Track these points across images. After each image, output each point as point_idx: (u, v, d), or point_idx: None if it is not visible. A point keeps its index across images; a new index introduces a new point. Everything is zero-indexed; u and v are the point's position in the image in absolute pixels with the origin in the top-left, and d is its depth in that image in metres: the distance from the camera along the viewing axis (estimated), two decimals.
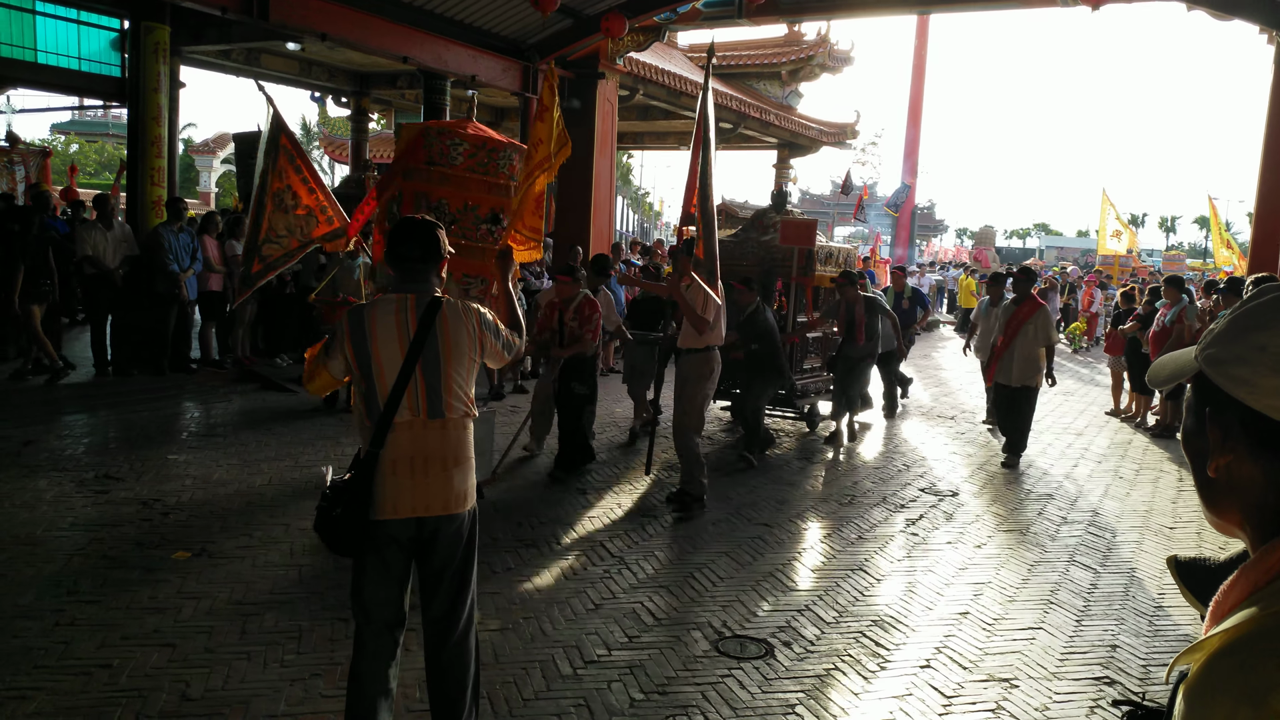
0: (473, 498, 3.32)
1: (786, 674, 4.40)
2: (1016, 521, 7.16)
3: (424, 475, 3.16)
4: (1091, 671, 4.59)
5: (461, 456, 3.25)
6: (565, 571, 5.55)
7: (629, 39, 15.14)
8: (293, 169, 6.00)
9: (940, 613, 5.24)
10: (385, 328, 3.16)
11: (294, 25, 11.56)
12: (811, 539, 6.45)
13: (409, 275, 3.26)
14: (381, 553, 3.19)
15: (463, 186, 5.69)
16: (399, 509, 3.16)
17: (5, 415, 8.40)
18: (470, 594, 3.35)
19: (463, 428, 3.26)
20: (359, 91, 19.54)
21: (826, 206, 70.06)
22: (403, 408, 3.15)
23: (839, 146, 27.46)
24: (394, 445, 3.16)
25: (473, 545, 3.33)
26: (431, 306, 3.18)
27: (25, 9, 13.52)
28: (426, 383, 3.16)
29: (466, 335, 3.22)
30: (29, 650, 4.19)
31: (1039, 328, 8.76)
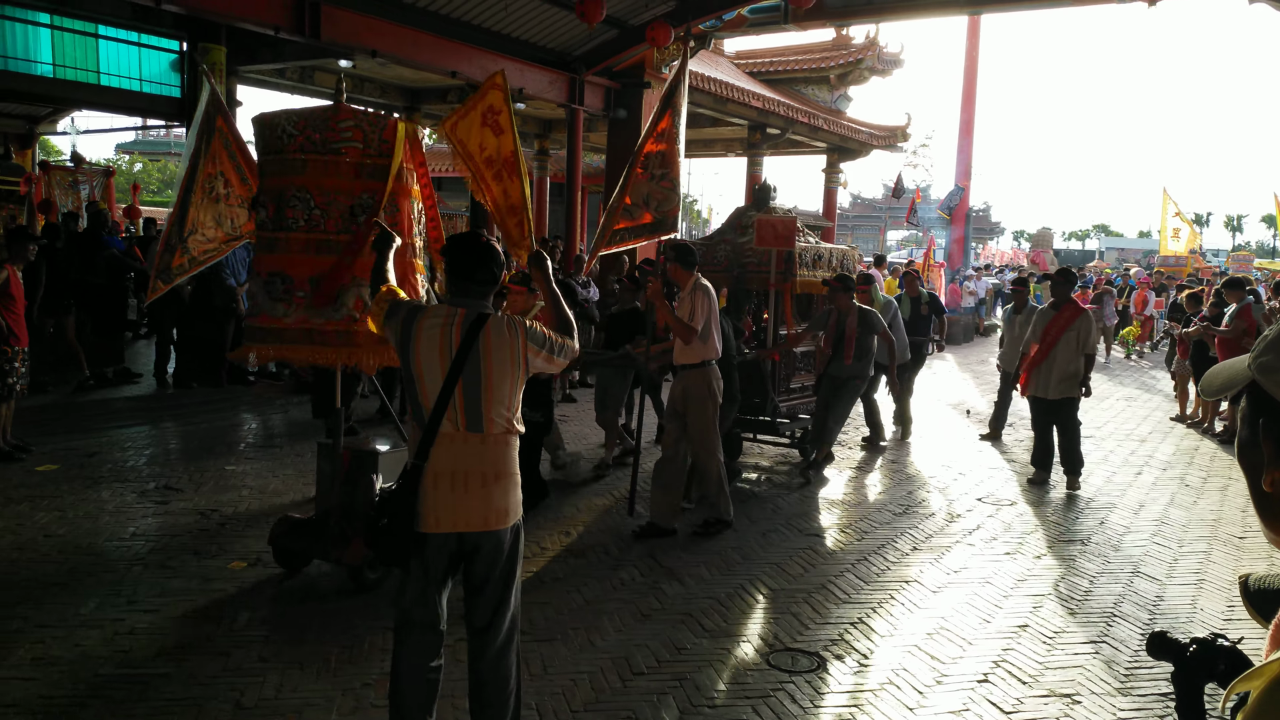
0: (515, 514, 3.30)
1: (839, 688, 4.32)
2: (1077, 531, 6.99)
3: (464, 490, 3.17)
4: (1158, 688, 4.44)
5: (502, 472, 3.24)
6: (614, 582, 5.52)
7: (675, 47, 15.12)
8: (226, 154, 5.70)
9: (998, 625, 5.13)
10: (429, 339, 3.18)
11: (345, 43, 11.75)
12: (864, 550, 6.35)
13: (464, 292, 3.29)
14: (424, 562, 3.23)
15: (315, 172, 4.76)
16: (440, 523, 3.18)
17: (70, 428, 8.62)
18: (511, 606, 3.35)
19: (504, 443, 3.25)
20: (410, 107, 19.78)
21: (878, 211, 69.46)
22: (444, 421, 3.17)
23: (890, 150, 27.17)
24: (436, 458, 3.18)
25: (514, 560, 3.32)
26: (476, 323, 3.19)
27: (89, 33, 13.92)
28: (466, 399, 3.16)
29: (509, 352, 3.21)
30: (89, 658, 4.27)
31: (1081, 335, 7.98)
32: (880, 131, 25.94)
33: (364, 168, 4.74)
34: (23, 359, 7.55)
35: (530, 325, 3.30)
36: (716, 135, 23.97)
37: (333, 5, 11.36)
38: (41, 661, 4.23)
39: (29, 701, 3.88)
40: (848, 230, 63.57)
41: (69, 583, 5.15)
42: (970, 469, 8.86)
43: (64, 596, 4.96)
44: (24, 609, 4.78)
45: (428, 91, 19.28)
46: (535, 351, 3.28)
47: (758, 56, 25.11)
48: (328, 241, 4.73)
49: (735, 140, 24.17)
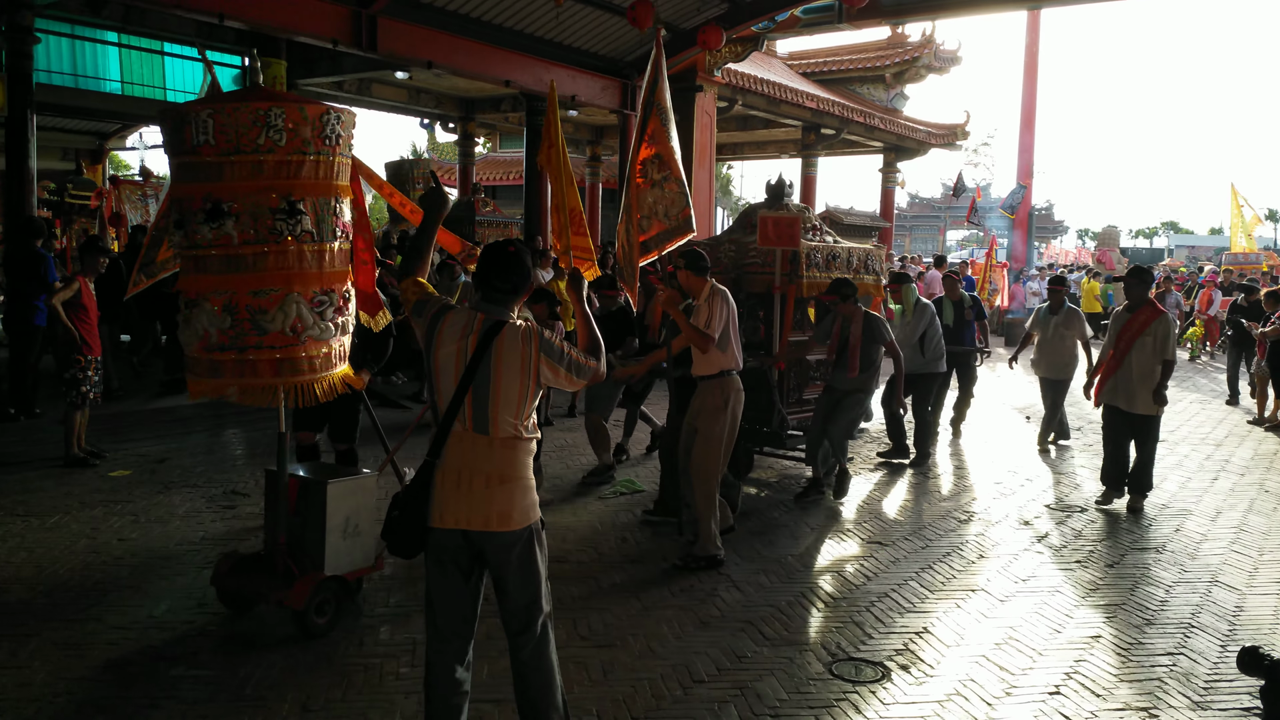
0: (522, 517, 3.28)
1: (905, 699, 4.24)
2: (1151, 539, 6.79)
3: (468, 489, 3.22)
4: (1239, 701, 4.29)
5: (509, 475, 3.26)
6: (673, 589, 5.49)
7: (727, 50, 15.08)
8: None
9: (1070, 636, 4.99)
10: (449, 340, 3.24)
11: (401, 55, 11.90)
12: (929, 558, 6.23)
13: (486, 298, 3.34)
14: (439, 557, 3.29)
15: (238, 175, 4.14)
16: (444, 519, 3.24)
17: (141, 434, 8.83)
18: (539, 609, 3.35)
19: (510, 447, 3.26)
20: (465, 116, 20.04)
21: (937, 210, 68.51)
22: (454, 421, 3.24)
23: (948, 148, 26.82)
24: (446, 456, 3.25)
25: (528, 562, 3.30)
26: (492, 330, 3.23)
27: (155, 51, 14.29)
28: (475, 400, 3.21)
29: (520, 359, 3.23)
30: (160, 660, 4.36)
31: (1158, 340, 7.25)
32: (938, 130, 25.62)
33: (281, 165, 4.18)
34: (95, 368, 7.75)
35: (547, 338, 3.30)
36: (770, 137, 23.86)
37: (390, 18, 11.52)
38: (115, 662, 4.32)
39: (103, 700, 3.97)
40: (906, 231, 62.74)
41: (141, 585, 5.26)
42: (1037, 474, 8.67)
43: (136, 599, 5.07)
44: (98, 610, 4.90)
45: (482, 101, 19.50)
46: (549, 364, 3.27)
47: (811, 57, 24.95)
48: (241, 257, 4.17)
49: (789, 141, 24.04)
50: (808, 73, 23.89)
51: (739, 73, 17.20)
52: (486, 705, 4.02)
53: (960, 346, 9.96)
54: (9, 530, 6.15)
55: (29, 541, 5.96)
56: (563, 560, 5.92)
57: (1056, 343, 9.43)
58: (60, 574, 5.43)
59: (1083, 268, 29.83)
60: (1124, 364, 7.33)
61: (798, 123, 21.45)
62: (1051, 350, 9.45)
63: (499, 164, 26.07)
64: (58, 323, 7.62)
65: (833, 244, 8.15)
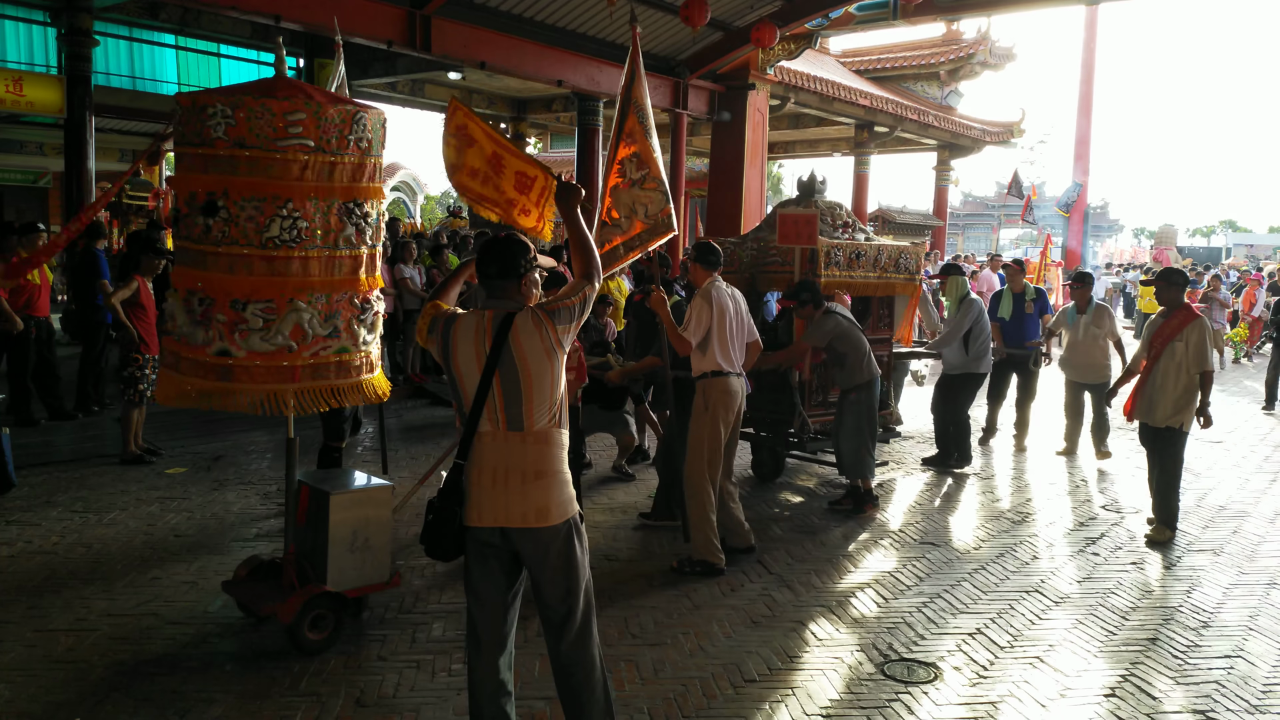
0: (560, 512, 3.26)
1: (958, 700, 4.19)
2: (1208, 541, 6.64)
3: (503, 486, 3.20)
4: None
5: (545, 470, 3.24)
6: (723, 588, 5.48)
7: (780, 48, 15.01)
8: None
9: (1125, 638, 4.90)
10: (465, 342, 3.22)
11: (455, 55, 12.01)
12: (982, 558, 6.15)
13: (490, 291, 3.33)
14: (479, 556, 3.29)
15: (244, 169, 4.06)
16: (482, 517, 3.23)
17: (197, 433, 9.01)
18: (579, 603, 3.32)
19: (544, 441, 3.24)
20: (517, 117, 20.16)
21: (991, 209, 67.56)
22: (483, 420, 3.22)
23: (1003, 146, 26.46)
24: (477, 455, 3.24)
25: (568, 557, 3.28)
26: (505, 323, 3.20)
27: (211, 53, 14.58)
28: (505, 397, 3.18)
29: (541, 343, 3.19)
30: (216, 655, 4.44)
31: (1192, 346, 6.44)
32: (993, 128, 25.28)
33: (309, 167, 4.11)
34: (153, 366, 7.91)
35: (553, 308, 3.25)
36: (822, 135, 23.72)
37: (444, 18, 11.63)
38: (171, 657, 4.42)
39: (161, 696, 4.05)
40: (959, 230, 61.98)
41: (198, 581, 5.37)
42: (1091, 475, 8.52)
43: (193, 595, 5.17)
44: (154, 605, 5.01)
45: (534, 101, 19.61)
46: (565, 330, 3.24)
47: (865, 54, 24.76)
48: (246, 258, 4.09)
49: (841, 140, 23.87)
50: (861, 70, 23.70)
51: (792, 70, 17.12)
52: (539, 703, 4.05)
53: (1019, 347, 9.26)
54: (68, 525, 6.32)
55: (86, 536, 6.11)
56: (613, 558, 5.94)
57: (1089, 344, 8.88)
58: (117, 569, 5.56)
59: (1138, 266, 29.20)
60: (1152, 373, 6.62)
61: (851, 120, 21.30)
62: (1083, 352, 8.89)
63: (550, 164, 26.19)
64: (117, 321, 7.80)
65: (861, 241, 7.75)
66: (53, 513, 6.55)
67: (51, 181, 18.03)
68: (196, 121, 4.08)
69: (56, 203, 17.55)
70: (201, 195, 4.11)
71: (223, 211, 4.07)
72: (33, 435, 8.24)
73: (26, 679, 4.16)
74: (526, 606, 3.45)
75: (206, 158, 4.10)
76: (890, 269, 7.88)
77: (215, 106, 4.04)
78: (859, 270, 7.65)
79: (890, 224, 25.23)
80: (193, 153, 4.14)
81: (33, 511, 6.56)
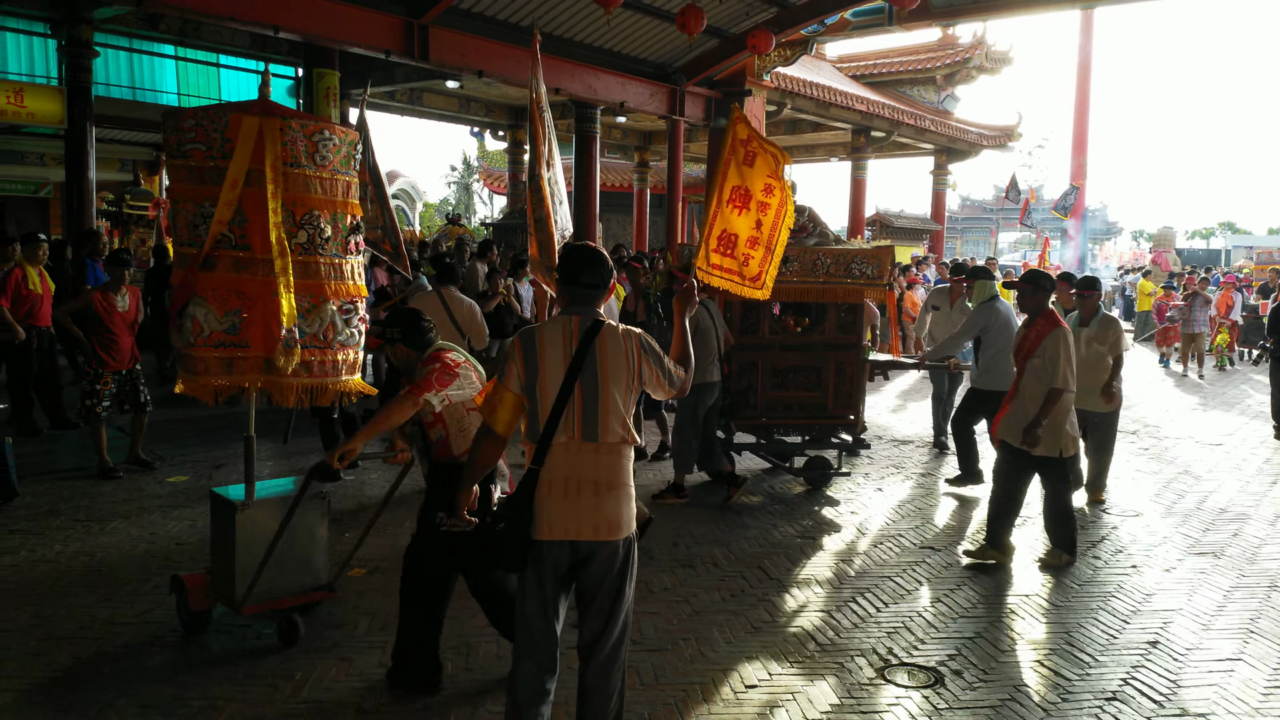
0: (628, 526, 3.29)
1: (958, 704, 4.21)
2: (1209, 544, 6.65)
3: (576, 497, 3.20)
4: None
5: (616, 482, 3.25)
6: (723, 593, 5.50)
7: (776, 54, 15.07)
8: None
9: (1126, 641, 4.91)
10: (553, 348, 3.22)
11: (453, 64, 12.05)
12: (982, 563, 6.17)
13: (578, 299, 3.33)
14: (539, 569, 3.26)
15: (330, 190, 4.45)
16: (553, 530, 3.21)
17: (198, 441, 9.02)
18: (621, 621, 3.34)
19: (618, 453, 3.26)
20: (515, 125, 20.22)
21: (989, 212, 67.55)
22: (560, 429, 3.20)
23: (1000, 150, 26.53)
24: (551, 465, 3.21)
25: (626, 574, 3.31)
26: (592, 329, 3.23)
27: (210, 63, 14.63)
28: (584, 404, 3.19)
29: (624, 358, 3.23)
30: (221, 662, 4.46)
31: (1047, 360, 5.79)
32: (990, 131, 25.36)
33: (206, 171, 4.22)
34: (113, 381, 7.54)
35: (644, 337, 3.31)
36: (819, 140, 23.79)
37: (441, 27, 11.68)
38: (175, 665, 4.43)
39: (165, 704, 4.07)
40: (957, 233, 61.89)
41: None
42: None
43: None
44: (157, 614, 5.02)
45: None
46: (649, 365, 3.28)
47: (861, 59, 24.84)
48: (181, 254, 4.34)
49: (838, 145, 23.95)
50: (857, 75, 23.77)
51: (788, 76, 17.18)
52: None
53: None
54: (70, 534, 6.33)
55: (89, 545, 6.12)
56: None
57: (1093, 362, 7.30)
58: (119, 577, 5.57)
59: (1137, 269, 29.25)
60: (1019, 392, 6.02)
61: (847, 126, 21.36)
62: (1087, 372, 7.08)
63: None
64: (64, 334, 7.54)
65: (794, 246, 7.22)
66: (55, 521, 6.56)
67: (53, 192, 18.06)
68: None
69: (58, 213, 17.59)
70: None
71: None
72: (35, 445, 8.26)
73: (30, 687, 4.17)
74: None
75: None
76: (840, 275, 7.43)
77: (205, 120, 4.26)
78: (791, 276, 7.24)
79: (888, 228, 25.24)
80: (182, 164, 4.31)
81: (35, 520, 6.57)
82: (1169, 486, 8.27)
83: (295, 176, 4.30)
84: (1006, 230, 64.17)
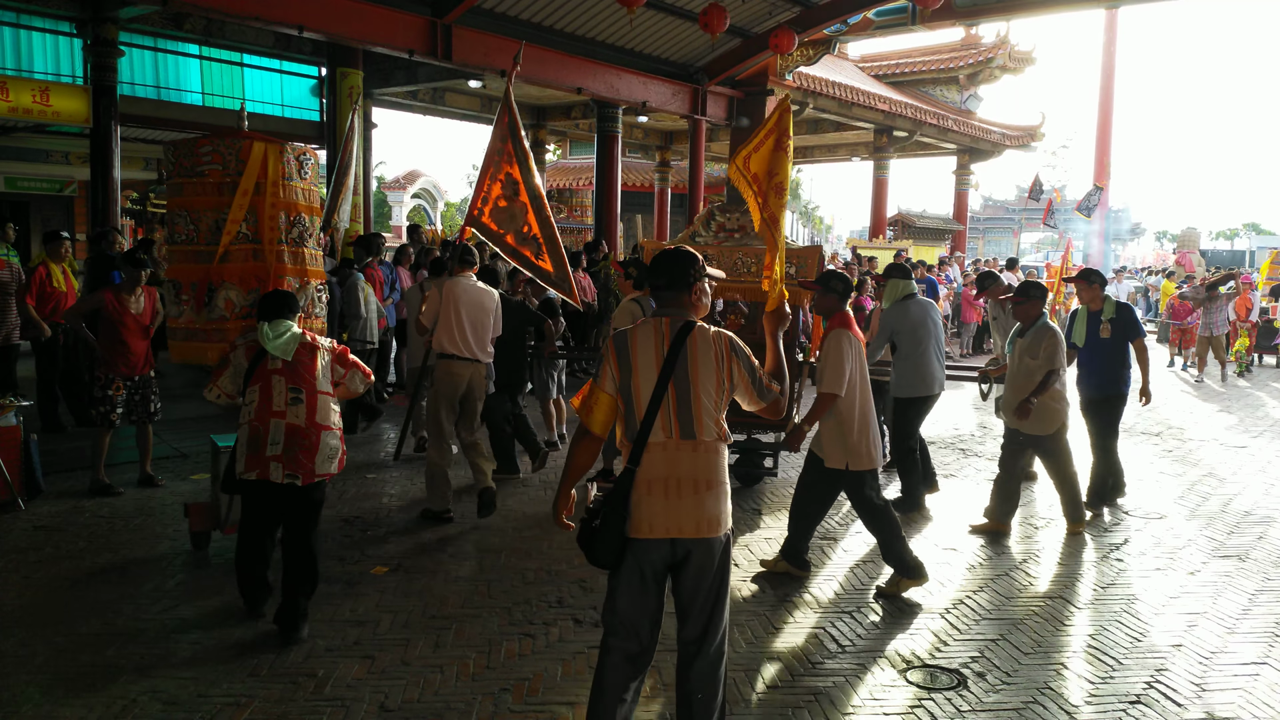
0: (726, 522, 3.30)
1: (981, 707, 4.18)
2: (1234, 547, 6.59)
3: (676, 496, 3.21)
4: None
5: (714, 480, 3.26)
6: (744, 595, 5.49)
7: (798, 53, 15.02)
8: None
9: (1150, 644, 4.87)
10: (645, 349, 3.26)
11: (475, 64, 12.08)
12: (1005, 564, 6.13)
13: (661, 302, 3.39)
14: (638, 569, 3.26)
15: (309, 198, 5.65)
16: (654, 529, 3.22)
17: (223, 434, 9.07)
18: (723, 619, 3.34)
19: (715, 451, 3.28)
20: (536, 124, 20.25)
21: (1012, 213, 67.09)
22: (656, 428, 3.22)
23: (1023, 150, 26.36)
24: (649, 465, 3.23)
25: (725, 570, 3.32)
26: (684, 329, 3.26)
27: (234, 63, 14.73)
28: (678, 403, 3.21)
29: (714, 358, 3.26)
30: (244, 658, 4.49)
31: (820, 363, 5.45)
32: (1013, 131, 25.20)
33: (224, 186, 5.30)
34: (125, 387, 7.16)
35: (735, 340, 3.32)
36: (841, 140, 23.70)
37: (465, 27, 11.71)
38: (195, 659, 4.47)
39: (189, 700, 4.10)
40: (979, 234, 61.55)
41: (225, 586, 5.41)
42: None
43: (217, 600, 5.22)
44: (181, 610, 5.06)
45: (553, 108, 19.71)
46: (740, 369, 3.29)
47: (883, 59, 24.74)
48: (200, 252, 5.37)
49: (860, 144, 23.85)
50: (880, 75, 23.68)
51: (810, 76, 17.13)
52: (561, 707, 4.07)
53: (1097, 388, 7.54)
54: (95, 530, 6.39)
55: (113, 541, 6.19)
56: None
57: (1023, 377, 6.51)
58: (143, 573, 5.64)
59: (1160, 270, 28.97)
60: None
61: (869, 125, 21.27)
62: (1019, 390, 6.51)
63: (569, 170, 26.32)
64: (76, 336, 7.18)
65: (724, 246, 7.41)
66: (80, 518, 6.63)
67: (77, 190, 18.23)
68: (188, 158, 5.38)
69: (82, 211, 17.75)
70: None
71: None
72: (60, 441, 8.33)
73: (55, 682, 4.22)
74: (553, 610, 3.46)
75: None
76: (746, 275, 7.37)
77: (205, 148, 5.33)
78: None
79: (910, 228, 25.17)
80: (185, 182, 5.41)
81: (60, 516, 6.64)
82: (1193, 489, 8.19)
83: (289, 188, 5.45)
84: (1029, 230, 63.74)
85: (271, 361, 4.72)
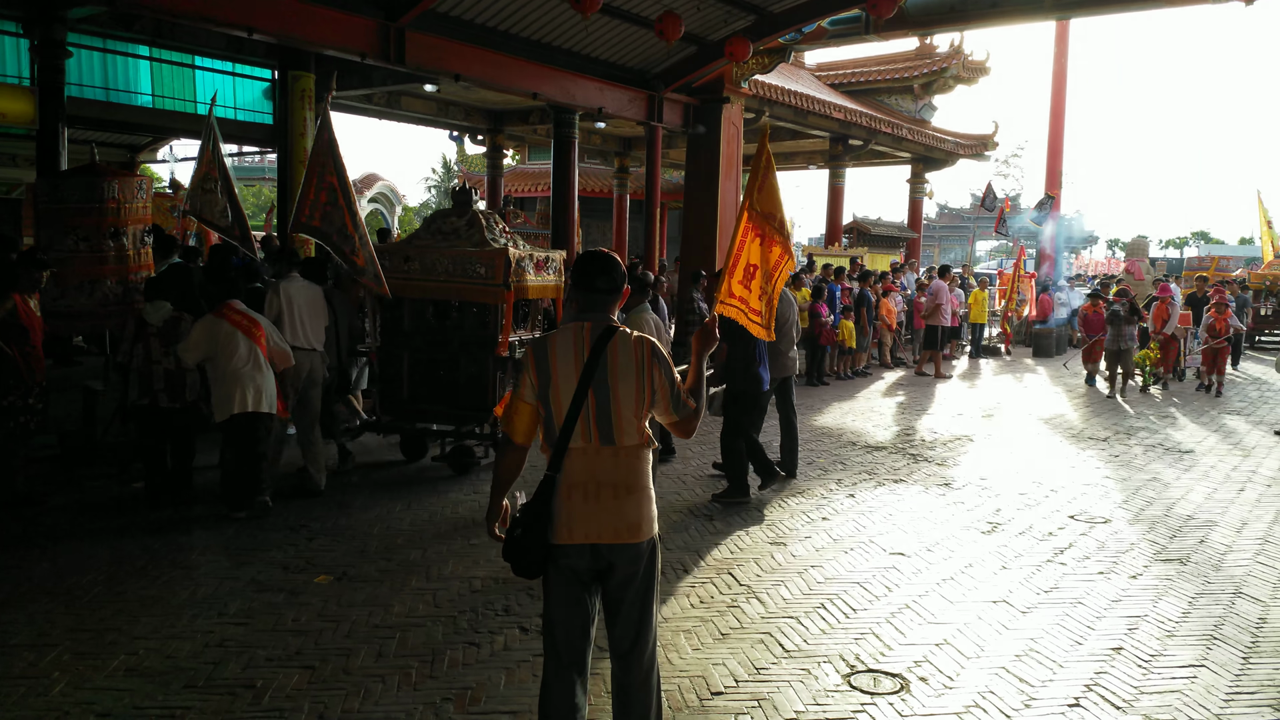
0: (649, 528, 3.27)
1: (924, 711, 4.21)
2: (1175, 550, 6.70)
3: (596, 501, 3.18)
4: (1261, 715, 4.23)
5: (635, 485, 3.24)
6: (692, 600, 5.49)
7: (754, 62, 15.08)
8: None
9: (1091, 648, 4.94)
10: (565, 355, 3.21)
11: (429, 68, 11.99)
12: (950, 569, 6.19)
13: (590, 305, 3.32)
14: (563, 576, 3.24)
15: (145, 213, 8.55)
16: (573, 534, 3.19)
17: None
18: (651, 626, 3.33)
19: (635, 456, 3.25)
20: (494, 129, 20.18)
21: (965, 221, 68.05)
22: (576, 434, 3.19)
23: (977, 159, 26.69)
24: (569, 470, 3.20)
25: (651, 576, 3.30)
26: (605, 335, 3.22)
27: (186, 64, 14.52)
28: (597, 408, 3.18)
29: (635, 363, 3.21)
30: (180, 670, 4.41)
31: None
32: (967, 140, 25.51)
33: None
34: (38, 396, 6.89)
35: (657, 347, 3.28)
36: (797, 148, 23.85)
37: (418, 30, 11.62)
38: (133, 671, 4.38)
39: (122, 713, 4.02)
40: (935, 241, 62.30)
41: (163, 596, 5.33)
42: (1061, 485, 8.57)
43: (158, 610, 5.13)
44: (118, 620, 4.97)
45: (510, 113, 19.64)
46: (660, 377, 3.24)
47: (839, 68, 24.95)
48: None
49: (816, 153, 24.01)
50: (836, 84, 23.87)
51: (766, 84, 17.22)
52: (503, 716, 4.03)
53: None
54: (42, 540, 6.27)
55: (51, 551, 6.06)
56: None
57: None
58: (86, 583, 5.52)
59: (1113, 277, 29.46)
60: None
61: (825, 134, 21.43)
62: None
63: (527, 176, 26.22)
64: None
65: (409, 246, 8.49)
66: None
67: (25, 193, 17.85)
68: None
69: (30, 215, 17.37)
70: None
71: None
72: None
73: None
74: (499, 618, 3.44)
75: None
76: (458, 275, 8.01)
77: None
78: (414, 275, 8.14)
79: (865, 235, 25.36)
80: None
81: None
82: (1137, 494, 8.33)
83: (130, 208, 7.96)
84: (984, 238, 64.69)
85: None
